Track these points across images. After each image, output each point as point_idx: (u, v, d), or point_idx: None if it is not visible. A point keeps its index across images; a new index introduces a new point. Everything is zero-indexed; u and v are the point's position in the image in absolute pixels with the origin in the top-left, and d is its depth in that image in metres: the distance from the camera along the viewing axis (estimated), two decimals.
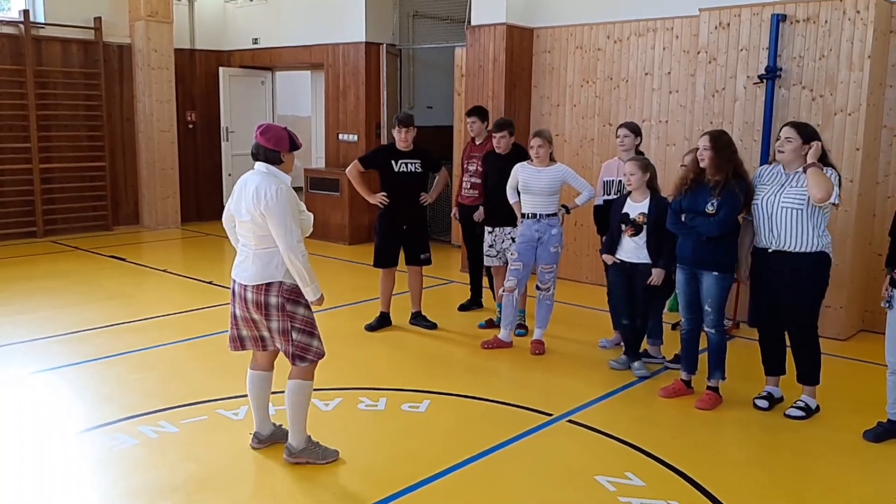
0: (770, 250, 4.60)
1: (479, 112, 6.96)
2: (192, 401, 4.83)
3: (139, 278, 8.52)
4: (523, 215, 5.90)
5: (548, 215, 5.84)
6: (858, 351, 6.04)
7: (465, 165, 6.95)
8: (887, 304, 4.33)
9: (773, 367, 4.92)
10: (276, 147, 3.82)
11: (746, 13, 6.58)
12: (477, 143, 6.94)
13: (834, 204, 4.47)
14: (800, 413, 4.72)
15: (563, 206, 5.94)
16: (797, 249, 4.51)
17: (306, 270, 3.77)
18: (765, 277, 4.71)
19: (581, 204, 5.93)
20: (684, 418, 4.76)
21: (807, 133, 4.55)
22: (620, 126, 5.94)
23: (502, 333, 6.08)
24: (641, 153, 5.89)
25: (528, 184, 5.85)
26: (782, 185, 4.56)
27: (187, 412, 4.67)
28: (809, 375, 4.75)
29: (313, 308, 3.92)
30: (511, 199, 6.00)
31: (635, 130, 5.88)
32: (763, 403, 4.85)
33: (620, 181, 5.63)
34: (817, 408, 4.78)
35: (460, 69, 9.79)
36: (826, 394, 4.87)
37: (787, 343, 4.85)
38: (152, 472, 3.92)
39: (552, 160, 5.90)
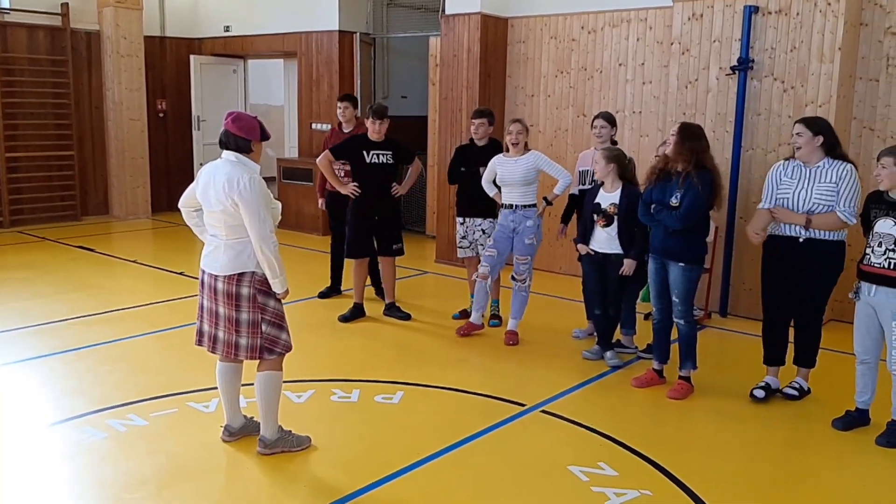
0: (801, 239, 4.64)
1: (352, 98, 7.00)
2: (162, 393, 4.77)
3: (109, 269, 8.40)
4: (502, 205, 5.92)
5: (524, 206, 5.83)
6: (827, 340, 6.06)
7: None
8: (855, 296, 4.38)
9: (776, 357, 4.94)
10: (247, 136, 3.77)
11: (719, 4, 6.60)
12: (345, 130, 6.94)
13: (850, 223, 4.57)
14: (794, 393, 4.86)
15: (545, 198, 5.93)
16: (828, 237, 4.60)
17: (276, 261, 3.74)
18: (786, 265, 4.73)
19: (560, 192, 5.90)
20: (657, 408, 4.79)
21: (816, 126, 4.63)
22: (596, 116, 5.94)
23: (473, 317, 6.11)
24: (615, 143, 5.91)
25: (503, 175, 5.85)
26: (808, 180, 4.62)
27: (157, 405, 4.60)
28: (809, 358, 4.88)
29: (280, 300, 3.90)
30: (489, 191, 6.02)
31: (611, 121, 5.89)
32: (760, 394, 4.83)
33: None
34: (809, 390, 4.89)
35: (435, 59, 9.74)
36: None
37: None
38: (121, 466, 3.86)
39: (526, 149, 5.90)
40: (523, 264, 5.87)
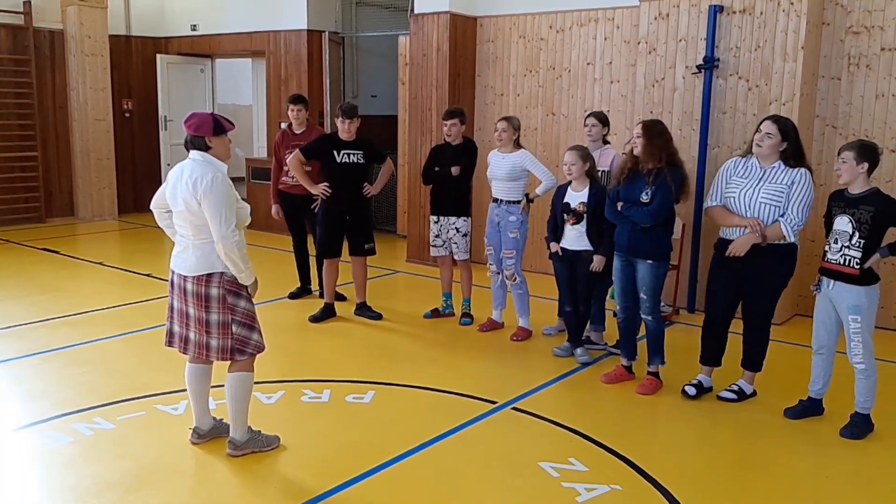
0: None
1: (304, 100, 7.01)
2: (130, 396, 4.71)
3: (74, 271, 8.28)
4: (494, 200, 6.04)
5: (508, 202, 5.89)
6: (792, 335, 6.21)
7: (284, 156, 6.69)
8: (816, 289, 4.44)
9: (712, 357, 4.92)
10: (197, 132, 3.71)
11: (685, 4, 6.67)
12: (297, 132, 6.91)
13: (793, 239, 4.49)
14: (732, 396, 4.82)
15: (526, 194, 5.97)
16: (775, 241, 4.51)
17: (240, 259, 3.69)
18: (730, 267, 4.63)
19: (541, 193, 5.92)
20: (626, 403, 4.83)
21: (786, 130, 4.51)
22: (589, 115, 6.04)
23: (494, 314, 6.23)
24: (607, 142, 6.01)
25: (492, 169, 5.96)
26: (760, 180, 4.54)
27: (124, 408, 4.55)
28: (754, 362, 4.84)
29: (252, 296, 3.87)
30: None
31: (603, 119, 6.02)
32: (692, 391, 4.87)
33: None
34: (754, 393, 4.88)
35: (404, 58, 9.73)
36: (761, 377, 4.97)
37: (731, 332, 4.92)
38: (87, 470, 3.81)
39: (518, 146, 5.93)
40: (509, 258, 5.91)
